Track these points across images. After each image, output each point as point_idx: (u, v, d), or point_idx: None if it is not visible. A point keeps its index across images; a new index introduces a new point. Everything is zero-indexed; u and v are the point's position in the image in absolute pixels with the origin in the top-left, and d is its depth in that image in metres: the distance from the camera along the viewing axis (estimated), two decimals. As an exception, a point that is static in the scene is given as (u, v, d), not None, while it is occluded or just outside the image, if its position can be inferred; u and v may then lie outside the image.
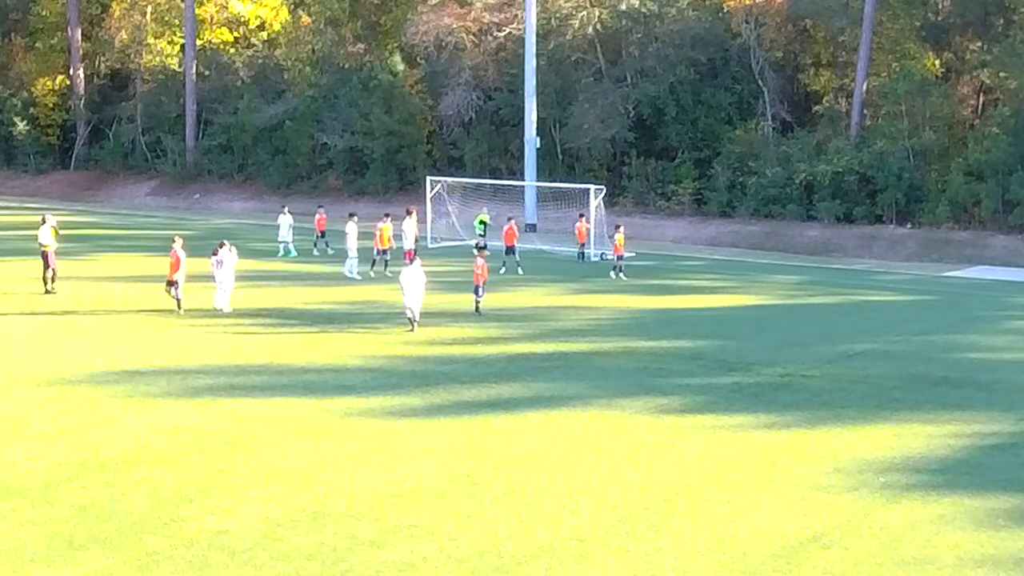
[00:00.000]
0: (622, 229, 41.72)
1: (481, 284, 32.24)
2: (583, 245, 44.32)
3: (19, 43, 76.59)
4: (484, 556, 15.17)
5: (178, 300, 31.76)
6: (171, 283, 31.80)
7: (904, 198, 52.54)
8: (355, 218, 40.55)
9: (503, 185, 54.54)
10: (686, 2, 59.23)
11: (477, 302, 32.22)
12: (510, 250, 41.12)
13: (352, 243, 39.12)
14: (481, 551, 15.32)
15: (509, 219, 42.64)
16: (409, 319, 29.78)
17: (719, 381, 24.98)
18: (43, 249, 34.76)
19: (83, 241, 45.62)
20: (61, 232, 36.25)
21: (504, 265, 40.32)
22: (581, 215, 45.03)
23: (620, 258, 40.77)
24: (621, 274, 40.09)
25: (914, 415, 22.28)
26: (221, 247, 32.93)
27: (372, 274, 38.63)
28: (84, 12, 74.34)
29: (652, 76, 58.23)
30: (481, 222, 46.24)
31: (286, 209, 46.01)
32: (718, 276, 42.82)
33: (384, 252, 39.48)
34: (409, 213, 42.73)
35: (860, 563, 15.07)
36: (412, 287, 29.70)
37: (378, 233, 39.61)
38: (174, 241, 32.56)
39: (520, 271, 40.19)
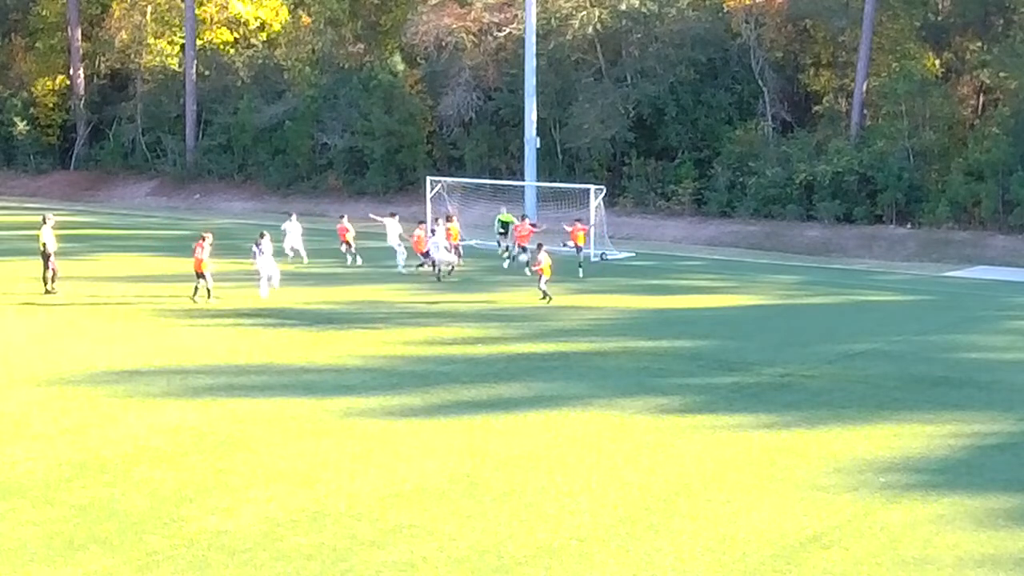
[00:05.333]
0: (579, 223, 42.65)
1: (542, 275, 34.21)
2: (578, 247, 43.21)
3: (19, 43, 76.51)
4: (484, 556, 15.17)
5: (208, 289, 33.30)
6: (200, 275, 33.37)
7: (904, 198, 52.53)
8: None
9: (503, 185, 54.49)
10: (686, 2, 59.18)
11: (544, 292, 34.16)
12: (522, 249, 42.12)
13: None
14: (481, 551, 15.33)
15: (523, 217, 43.00)
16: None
17: (719, 381, 24.98)
18: (43, 249, 34.75)
19: (83, 241, 45.60)
20: (61, 232, 36.27)
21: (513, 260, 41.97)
22: (577, 220, 43.77)
23: (579, 251, 41.32)
24: (580, 269, 40.54)
25: (914, 415, 22.28)
26: (262, 238, 35.13)
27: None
28: (84, 12, 74.25)
29: (652, 76, 58.20)
30: (502, 222, 45.95)
31: (384, 215, 43.75)
32: (718, 276, 42.81)
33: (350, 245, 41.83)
34: (392, 215, 43.36)
35: (860, 563, 15.08)
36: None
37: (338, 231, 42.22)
38: (203, 237, 33.95)
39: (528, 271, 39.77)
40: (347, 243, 42.68)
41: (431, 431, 20.76)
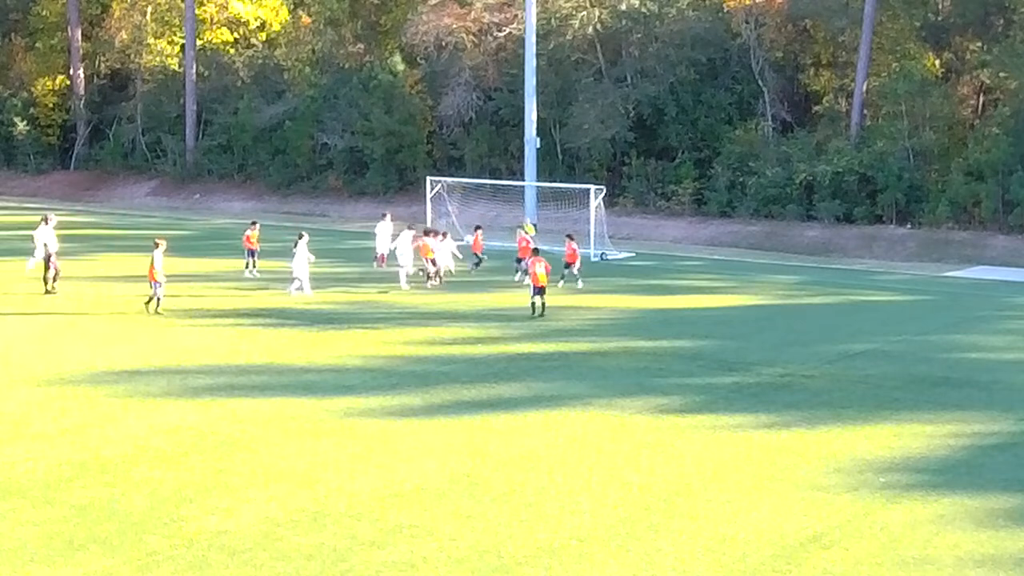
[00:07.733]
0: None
1: (541, 286, 32.03)
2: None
3: (19, 43, 76.45)
4: (484, 556, 15.17)
5: (155, 299, 31.86)
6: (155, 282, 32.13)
7: (904, 198, 52.51)
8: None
9: (503, 185, 54.50)
10: (686, 2, 59.14)
11: (533, 303, 32.09)
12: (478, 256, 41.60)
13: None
14: (481, 551, 15.33)
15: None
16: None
17: (719, 381, 24.98)
18: (44, 249, 34.72)
19: (83, 241, 45.57)
20: (61, 232, 36.25)
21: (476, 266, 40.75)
22: (569, 236, 40.21)
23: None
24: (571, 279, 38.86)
25: (914, 415, 22.29)
26: (300, 239, 35.38)
27: (247, 273, 38.61)
28: (84, 12, 74.21)
29: (652, 76, 58.18)
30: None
31: (388, 217, 41.71)
32: (718, 276, 42.79)
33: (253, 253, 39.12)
34: (384, 216, 42.50)
35: (860, 563, 15.08)
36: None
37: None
38: (157, 244, 32.65)
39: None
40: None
41: (431, 431, 20.77)
